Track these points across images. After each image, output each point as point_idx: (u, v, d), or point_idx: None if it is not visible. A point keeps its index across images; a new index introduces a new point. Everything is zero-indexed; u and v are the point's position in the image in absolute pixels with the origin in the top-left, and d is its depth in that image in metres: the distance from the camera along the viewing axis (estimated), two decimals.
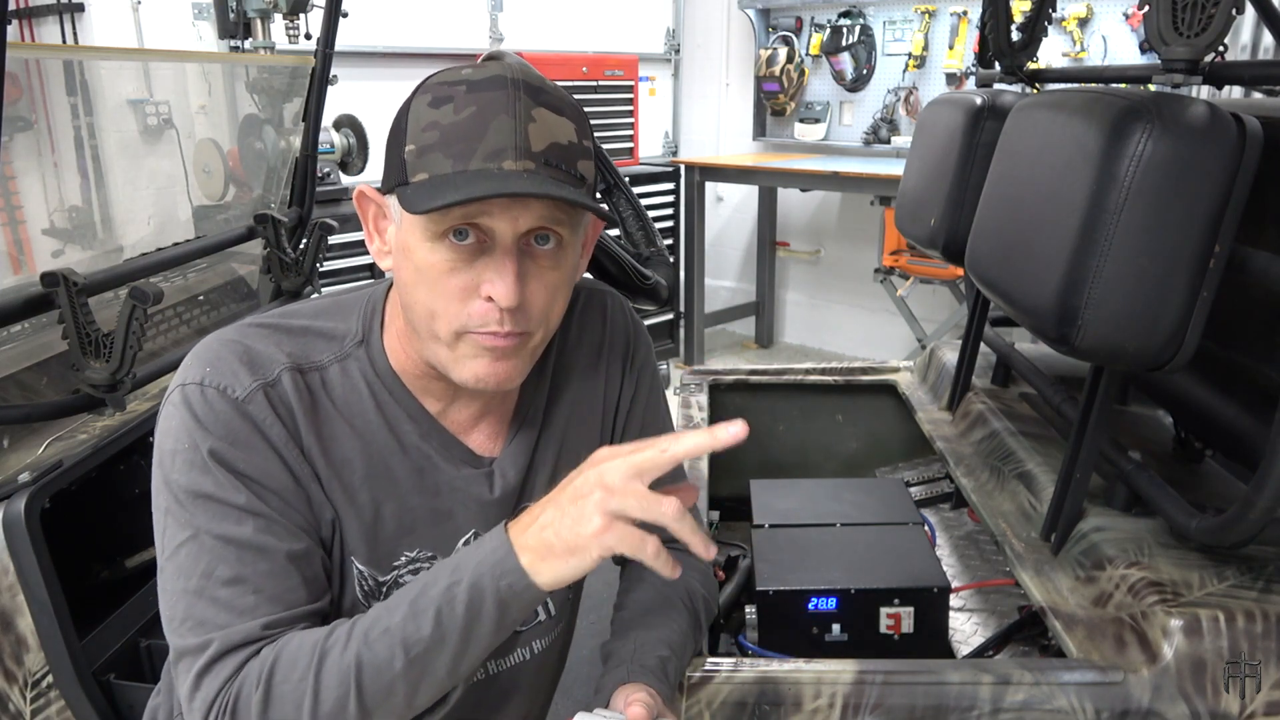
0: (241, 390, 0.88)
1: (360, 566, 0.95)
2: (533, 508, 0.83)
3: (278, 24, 3.05)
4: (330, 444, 0.92)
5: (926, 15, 4.54)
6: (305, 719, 0.80)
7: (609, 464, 0.80)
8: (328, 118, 2.49)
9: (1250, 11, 2.36)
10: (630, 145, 4.68)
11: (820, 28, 4.90)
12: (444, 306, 0.87)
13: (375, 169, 2.52)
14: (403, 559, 0.97)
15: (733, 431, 0.78)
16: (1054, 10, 1.71)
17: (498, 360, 0.89)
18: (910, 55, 4.61)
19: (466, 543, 1.01)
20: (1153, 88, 1.24)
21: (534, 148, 0.83)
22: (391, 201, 0.90)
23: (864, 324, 5.15)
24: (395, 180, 0.86)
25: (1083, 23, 4.01)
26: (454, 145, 0.83)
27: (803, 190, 5.06)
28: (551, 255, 0.89)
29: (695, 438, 0.80)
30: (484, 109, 0.83)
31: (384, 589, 0.97)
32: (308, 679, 0.81)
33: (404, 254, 0.89)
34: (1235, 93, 2.55)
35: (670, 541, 1.20)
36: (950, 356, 1.94)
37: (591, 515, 0.78)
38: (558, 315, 0.94)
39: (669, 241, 4.82)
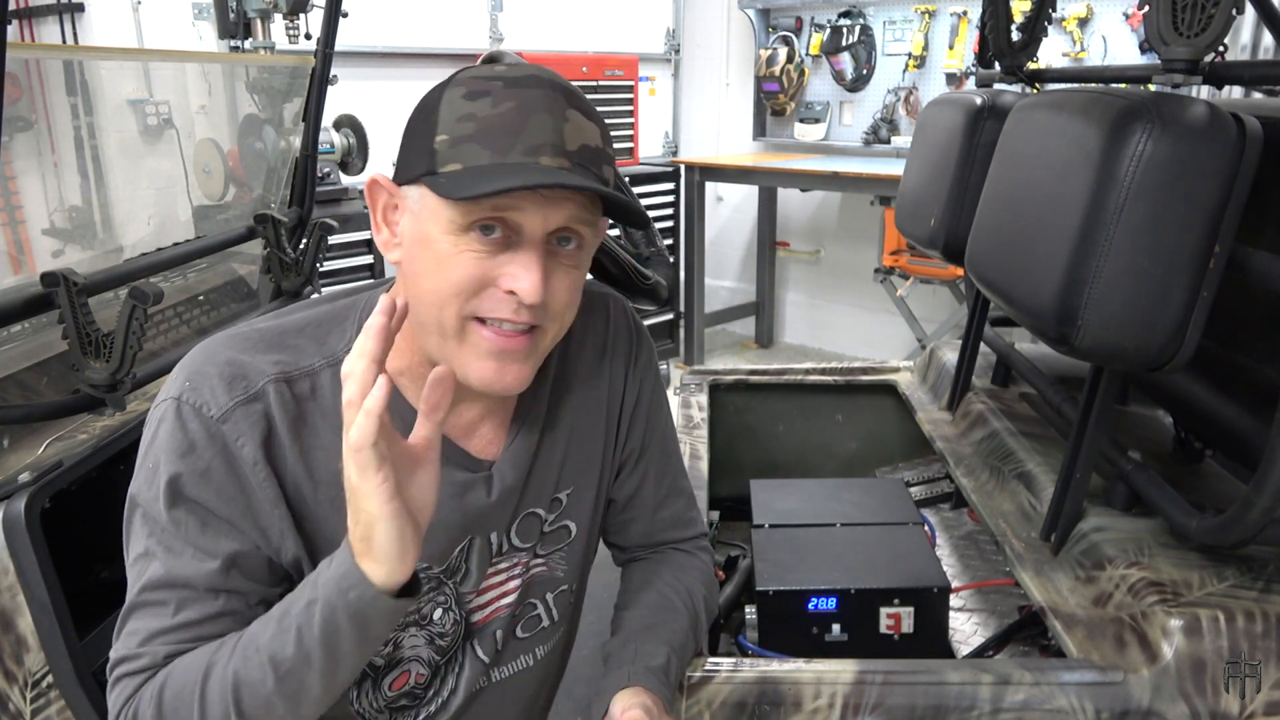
0: (218, 409, 0.88)
1: None
2: None
3: (278, 24, 3.05)
4: (318, 456, 0.92)
5: (926, 15, 4.54)
6: None
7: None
8: (328, 118, 2.49)
9: (1250, 11, 2.36)
10: (630, 145, 4.67)
11: (820, 28, 4.89)
12: (455, 295, 0.86)
13: (374, 169, 2.52)
14: None
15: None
16: (1054, 10, 1.71)
17: (507, 364, 0.89)
18: (910, 55, 4.61)
19: (462, 550, 1.01)
20: (1153, 88, 1.24)
21: (569, 147, 0.84)
22: (409, 192, 0.88)
23: (864, 324, 5.15)
24: (421, 170, 0.85)
25: (1083, 23, 4.00)
26: (493, 138, 0.83)
27: (803, 190, 5.06)
28: (573, 255, 0.90)
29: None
30: (523, 105, 0.84)
31: None
32: (194, 696, 0.83)
33: (422, 244, 0.87)
34: (1235, 93, 2.55)
35: (671, 541, 1.21)
36: (950, 356, 1.94)
37: (361, 470, 0.76)
38: (572, 314, 0.94)
39: (669, 241, 4.82)
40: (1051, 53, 4.06)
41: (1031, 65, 1.76)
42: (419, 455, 0.80)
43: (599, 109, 0.91)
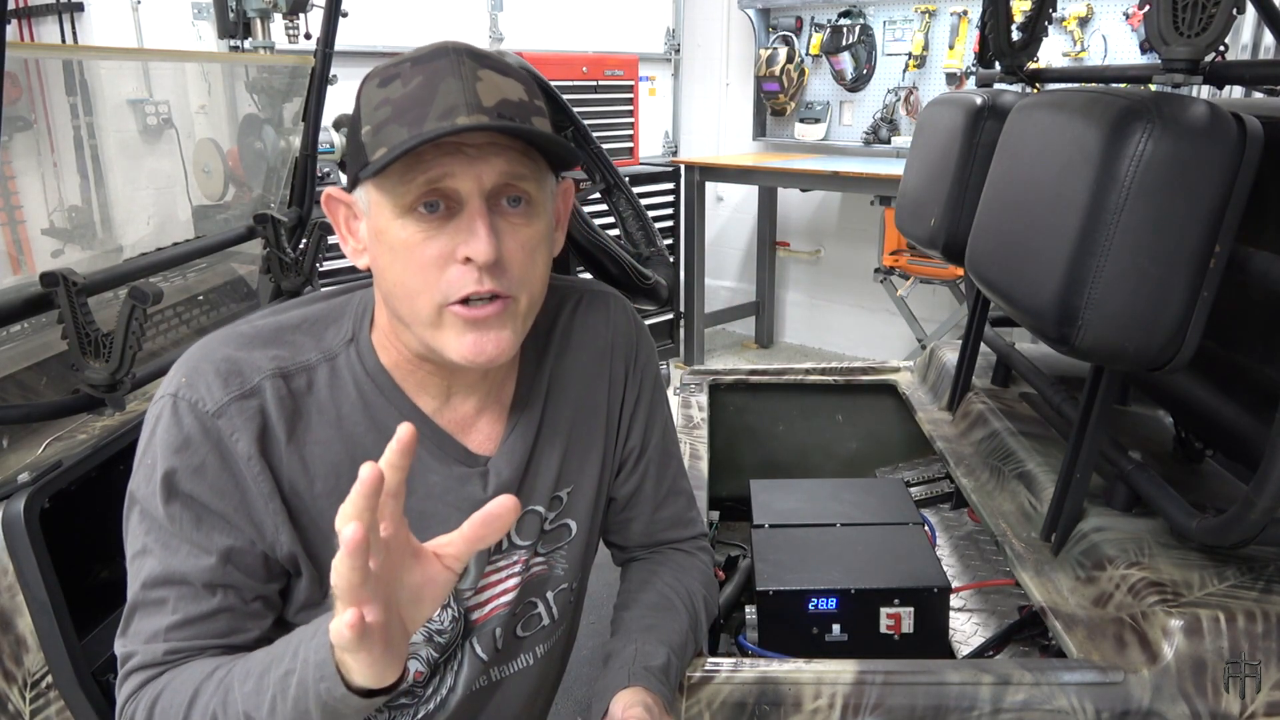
0: (213, 404, 0.89)
1: None
2: None
3: (278, 24, 3.05)
4: (315, 449, 0.93)
5: (926, 15, 4.54)
6: None
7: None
8: (328, 118, 2.48)
9: (1250, 11, 2.36)
10: (630, 145, 4.67)
11: (820, 28, 4.89)
12: (421, 280, 0.86)
13: None
14: None
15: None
16: (1054, 10, 1.71)
17: (485, 333, 0.88)
18: (910, 55, 4.61)
19: None
20: (1153, 88, 1.24)
21: (485, 103, 0.84)
22: (359, 195, 0.90)
23: (864, 324, 5.15)
24: (358, 166, 0.87)
25: (1083, 22, 4.00)
26: (406, 114, 0.83)
27: (803, 190, 5.06)
28: (522, 213, 0.89)
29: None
30: (431, 76, 0.84)
31: None
32: None
33: (378, 240, 0.89)
34: (1235, 93, 2.55)
35: (671, 541, 1.21)
36: (950, 356, 1.94)
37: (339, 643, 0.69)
38: (539, 279, 0.92)
39: (669, 241, 4.82)
40: (1051, 52, 4.06)
41: (1031, 65, 1.76)
42: (433, 573, 0.74)
43: (599, 109, 0.91)
